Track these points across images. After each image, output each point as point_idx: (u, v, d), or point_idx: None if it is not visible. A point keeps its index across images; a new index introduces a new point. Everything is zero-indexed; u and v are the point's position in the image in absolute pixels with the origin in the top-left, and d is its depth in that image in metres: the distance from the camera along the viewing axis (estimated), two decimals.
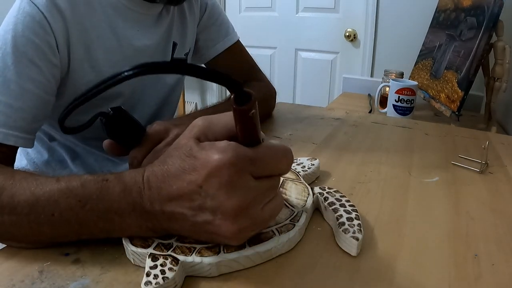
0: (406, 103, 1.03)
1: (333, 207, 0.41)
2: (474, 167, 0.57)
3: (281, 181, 0.43)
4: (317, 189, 0.44)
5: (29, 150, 0.71)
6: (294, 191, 0.43)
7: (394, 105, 1.04)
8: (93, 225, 0.33)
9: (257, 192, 0.30)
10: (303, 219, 0.38)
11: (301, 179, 0.47)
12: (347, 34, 1.82)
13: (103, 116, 0.43)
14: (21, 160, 0.73)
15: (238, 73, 0.80)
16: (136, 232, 0.34)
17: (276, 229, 0.36)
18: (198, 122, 0.32)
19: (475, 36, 0.93)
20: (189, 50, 0.73)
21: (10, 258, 0.34)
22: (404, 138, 0.73)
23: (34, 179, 0.35)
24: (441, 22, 1.21)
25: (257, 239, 0.34)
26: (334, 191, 0.44)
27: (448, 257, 0.36)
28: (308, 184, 0.46)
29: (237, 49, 0.80)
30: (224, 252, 0.32)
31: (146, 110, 0.68)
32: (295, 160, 0.53)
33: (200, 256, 0.32)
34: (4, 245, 0.37)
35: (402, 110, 1.04)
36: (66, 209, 0.33)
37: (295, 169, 0.50)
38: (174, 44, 0.67)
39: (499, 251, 0.38)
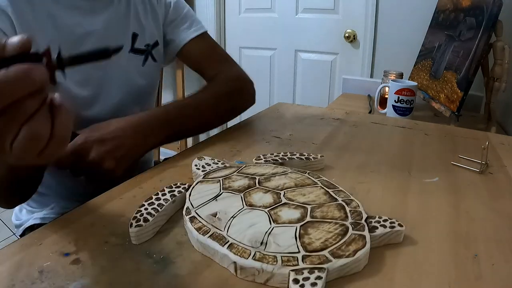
0: (406, 104, 1.03)
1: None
2: (474, 167, 0.57)
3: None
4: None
5: None
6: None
7: (393, 106, 1.04)
8: None
9: None
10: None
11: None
12: (347, 35, 1.82)
13: None
14: None
15: (209, 64, 0.82)
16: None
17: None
18: None
19: (474, 36, 0.93)
20: (155, 43, 0.77)
21: (10, 258, 0.34)
22: (404, 138, 0.73)
23: None
24: (441, 22, 1.21)
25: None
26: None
27: (448, 257, 0.37)
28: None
29: (205, 40, 0.83)
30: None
31: (109, 99, 0.71)
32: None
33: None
34: (4, 245, 0.37)
35: (402, 111, 1.04)
36: None
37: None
38: (135, 35, 0.72)
39: (499, 251, 0.38)
